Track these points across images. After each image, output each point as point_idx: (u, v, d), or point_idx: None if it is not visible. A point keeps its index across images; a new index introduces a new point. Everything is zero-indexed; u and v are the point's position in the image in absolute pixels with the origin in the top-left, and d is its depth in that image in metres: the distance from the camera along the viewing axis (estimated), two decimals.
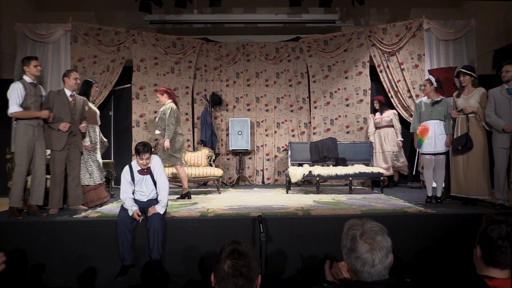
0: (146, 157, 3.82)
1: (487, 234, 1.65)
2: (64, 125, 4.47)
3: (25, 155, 4.28)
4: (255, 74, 7.96)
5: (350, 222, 1.59)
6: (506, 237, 1.61)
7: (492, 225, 1.66)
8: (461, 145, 4.69)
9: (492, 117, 4.53)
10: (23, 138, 4.27)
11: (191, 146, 7.64)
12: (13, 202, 4.25)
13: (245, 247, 1.50)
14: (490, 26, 7.36)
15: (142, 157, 3.81)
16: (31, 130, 4.30)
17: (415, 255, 3.91)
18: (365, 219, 1.57)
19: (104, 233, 3.91)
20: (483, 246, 1.66)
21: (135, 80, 7.53)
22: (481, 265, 1.67)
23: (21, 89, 4.24)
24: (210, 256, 3.87)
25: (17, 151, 4.30)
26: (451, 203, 4.93)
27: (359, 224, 1.55)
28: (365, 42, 7.52)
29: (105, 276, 3.83)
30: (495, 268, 1.63)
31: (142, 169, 3.91)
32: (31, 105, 4.31)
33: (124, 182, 3.92)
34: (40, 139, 4.39)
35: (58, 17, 7.37)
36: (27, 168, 4.33)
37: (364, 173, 5.99)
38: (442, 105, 4.92)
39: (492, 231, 1.64)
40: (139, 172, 3.93)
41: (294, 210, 4.40)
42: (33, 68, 4.39)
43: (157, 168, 3.96)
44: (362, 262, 1.47)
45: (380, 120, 7.03)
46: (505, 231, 1.62)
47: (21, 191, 4.32)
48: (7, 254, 2.00)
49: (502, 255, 1.60)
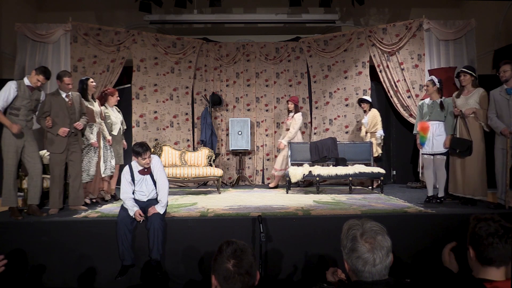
0: (149, 156, 3.83)
1: (476, 233, 1.67)
2: (63, 131, 4.47)
3: (12, 155, 4.28)
4: (255, 74, 7.96)
5: (350, 222, 1.59)
6: (495, 232, 1.63)
7: (479, 223, 1.68)
8: (461, 150, 4.67)
9: (493, 120, 4.53)
10: (10, 138, 4.27)
11: (191, 146, 7.64)
12: (6, 202, 4.25)
13: (243, 245, 1.52)
14: (490, 26, 7.36)
15: (145, 157, 3.80)
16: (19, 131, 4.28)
17: (415, 255, 3.91)
18: (364, 219, 1.57)
19: (104, 233, 3.91)
20: (474, 246, 1.67)
21: (135, 80, 7.53)
22: (477, 266, 1.68)
23: (13, 89, 4.23)
24: (210, 256, 3.83)
25: (4, 152, 4.30)
26: (451, 203, 4.93)
27: (359, 224, 1.55)
28: (365, 42, 7.52)
29: (105, 276, 3.83)
30: (491, 267, 1.64)
31: (143, 169, 3.91)
32: (22, 106, 4.31)
33: (124, 182, 3.91)
34: (28, 139, 4.38)
35: (58, 17, 7.37)
36: (15, 169, 4.33)
37: (364, 173, 5.99)
38: (444, 105, 4.91)
39: (480, 229, 1.66)
40: (140, 172, 3.92)
41: (294, 210, 4.40)
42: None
43: (157, 167, 3.95)
44: (363, 262, 1.47)
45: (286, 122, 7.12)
46: (493, 227, 1.64)
47: (12, 191, 4.30)
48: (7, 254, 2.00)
49: (494, 251, 1.62)
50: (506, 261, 1.64)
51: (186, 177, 6.01)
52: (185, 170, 6.02)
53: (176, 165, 6.40)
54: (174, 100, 7.70)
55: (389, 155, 7.82)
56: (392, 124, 7.77)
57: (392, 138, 7.81)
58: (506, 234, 1.63)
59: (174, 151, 6.56)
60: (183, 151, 6.63)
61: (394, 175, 7.79)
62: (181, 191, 6.55)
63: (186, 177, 6.01)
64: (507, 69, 4.47)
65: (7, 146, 4.27)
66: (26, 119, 4.38)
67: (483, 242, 1.63)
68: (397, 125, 7.66)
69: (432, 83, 4.99)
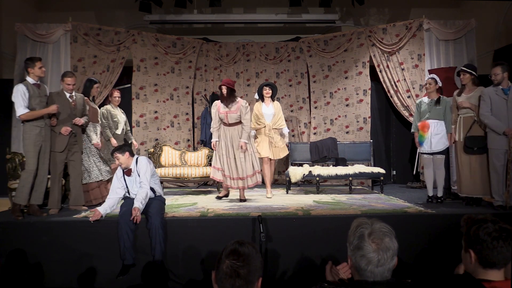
0: (117, 157, 3.94)
1: (478, 237, 1.62)
2: (65, 129, 4.48)
3: (33, 154, 4.28)
4: (255, 74, 7.95)
5: (359, 220, 1.59)
6: (499, 236, 1.60)
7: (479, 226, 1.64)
8: (479, 146, 4.63)
9: (490, 119, 4.46)
10: (30, 138, 4.27)
11: (191, 146, 7.64)
12: (18, 199, 4.25)
13: (247, 248, 1.47)
14: (490, 26, 7.36)
15: (114, 158, 4.00)
16: (38, 131, 4.30)
17: (415, 255, 3.91)
18: (374, 219, 1.57)
19: (105, 233, 3.91)
20: (477, 250, 1.63)
21: (135, 80, 7.52)
22: (478, 268, 1.64)
23: (24, 91, 4.24)
24: (210, 256, 3.87)
25: (25, 152, 4.32)
26: (451, 203, 4.93)
27: (368, 223, 1.55)
28: (365, 42, 7.52)
29: (106, 275, 3.83)
30: (492, 270, 1.62)
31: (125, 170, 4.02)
32: (36, 106, 4.30)
33: (114, 177, 4.08)
34: (46, 139, 4.39)
35: (58, 17, 7.37)
36: (36, 168, 4.32)
37: (364, 173, 5.99)
38: (441, 104, 4.92)
39: (482, 232, 1.62)
40: (124, 173, 4.03)
41: (294, 210, 4.40)
42: (38, 69, 4.39)
43: (141, 170, 3.99)
44: (367, 261, 1.47)
45: (226, 115, 5.04)
46: (493, 229, 1.61)
47: (28, 189, 4.31)
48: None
49: (499, 255, 1.59)
50: (507, 263, 1.62)
51: (186, 177, 6.01)
52: (185, 170, 6.03)
53: (176, 165, 6.40)
54: (174, 100, 7.70)
55: (389, 155, 7.82)
56: (392, 124, 7.77)
57: (392, 138, 7.82)
58: (509, 237, 1.60)
59: (174, 151, 6.56)
60: (183, 151, 6.63)
61: (394, 175, 7.80)
62: (181, 191, 6.55)
63: (186, 177, 6.01)
64: (498, 72, 4.44)
65: (28, 146, 4.29)
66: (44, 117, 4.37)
67: (488, 246, 1.60)
68: (397, 125, 7.67)
69: (434, 81, 4.98)
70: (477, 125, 4.69)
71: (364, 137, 7.40)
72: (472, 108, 4.67)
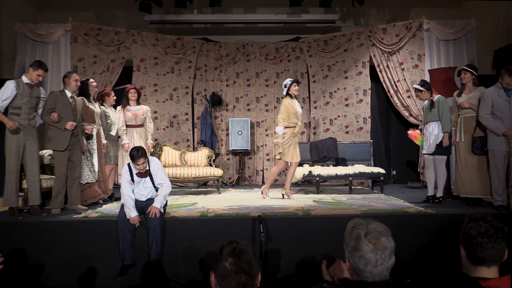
0: (142, 162, 3.82)
1: (466, 233, 1.69)
2: (71, 124, 4.47)
3: (14, 155, 4.25)
4: (255, 74, 7.96)
5: (354, 221, 1.59)
6: (485, 232, 1.64)
7: (470, 223, 1.70)
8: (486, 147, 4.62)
9: (489, 121, 4.45)
10: (12, 138, 4.25)
11: (191, 146, 7.64)
12: (6, 202, 4.23)
13: (245, 245, 1.52)
14: (490, 26, 7.36)
15: (138, 163, 3.80)
16: (20, 131, 4.27)
17: (415, 255, 3.91)
18: (369, 219, 1.57)
19: (104, 233, 3.91)
20: (465, 245, 1.69)
21: (135, 80, 7.52)
22: (469, 265, 1.69)
23: (12, 88, 4.22)
24: (210, 256, 3.87)
25: (6, 151, 4.28)
26: (451, 203, 4.93)
27: (364, 223, 1.55)
28: (365, 42, 7.52)
29: (105, 276, 3.83)
30: (482, 266, 1.65)
31: (140, 172, 3.92)
32: (23, 105, 4.28)
33: (124, 182, 3.92)
34: (30, 139, 4.36)
35: (58, 17, 7.38)
36: (17, 168, 4.30)
37: (364, 173, 5.99)
38: (435, 106, 4.92)
39: (471, 228, 1.68)
40: (138, 175, 3.92)
41: (294, 210, 4.40)
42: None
43: (158, 170, 3.96)
44: (365, 262, 1.47)
45: (135, 116, 5.66)
46: (484, 227, 1.65)
47: (14, 190, 4.27)
48: (7, 254, 2.00)
49: (483, 251, 1.63)
50: (497, 261, 1.65)
51: (186, 177, 6.01)
52: (185, 170, 6.02)
53: (176, 165, 6.40)
54: (174, 100, 7.70)
55: (389, 155, 7.82)
56: (392, 124, 7.78)
57: (392, 138, 7.82)
58: (495, 234, 1.64)
59: (174, 151, 6.56)
60: (183, 151, 6.63)
61: (394, 175, 7.80)
62: (181, 191, 6.55)
63: (186, 177, 6.01)
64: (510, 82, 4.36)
65: (9, 145, 4.26)
66: (28, 118, 4.36)
67: (473, 241, 1.65)
68: (397, 125, 7.67)
69: (417, 91, 5.09)
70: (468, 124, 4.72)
71: (364, 137, 7.40)
72: (473, 109, 4.67)
